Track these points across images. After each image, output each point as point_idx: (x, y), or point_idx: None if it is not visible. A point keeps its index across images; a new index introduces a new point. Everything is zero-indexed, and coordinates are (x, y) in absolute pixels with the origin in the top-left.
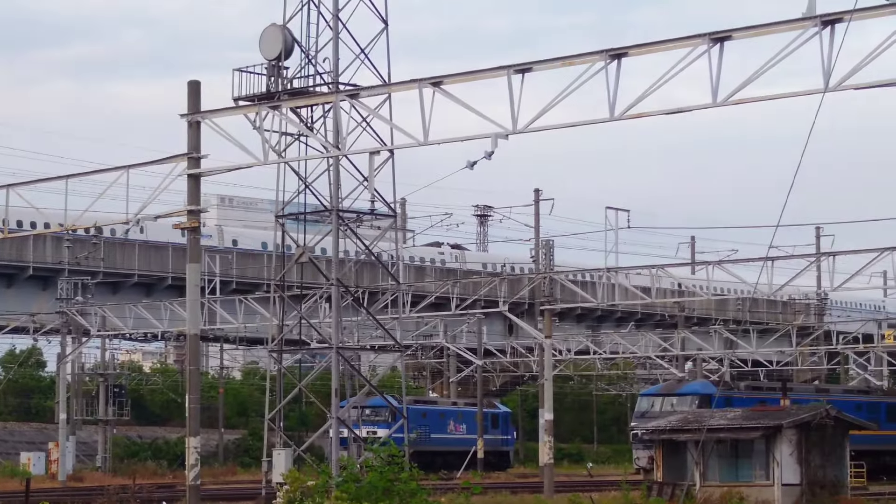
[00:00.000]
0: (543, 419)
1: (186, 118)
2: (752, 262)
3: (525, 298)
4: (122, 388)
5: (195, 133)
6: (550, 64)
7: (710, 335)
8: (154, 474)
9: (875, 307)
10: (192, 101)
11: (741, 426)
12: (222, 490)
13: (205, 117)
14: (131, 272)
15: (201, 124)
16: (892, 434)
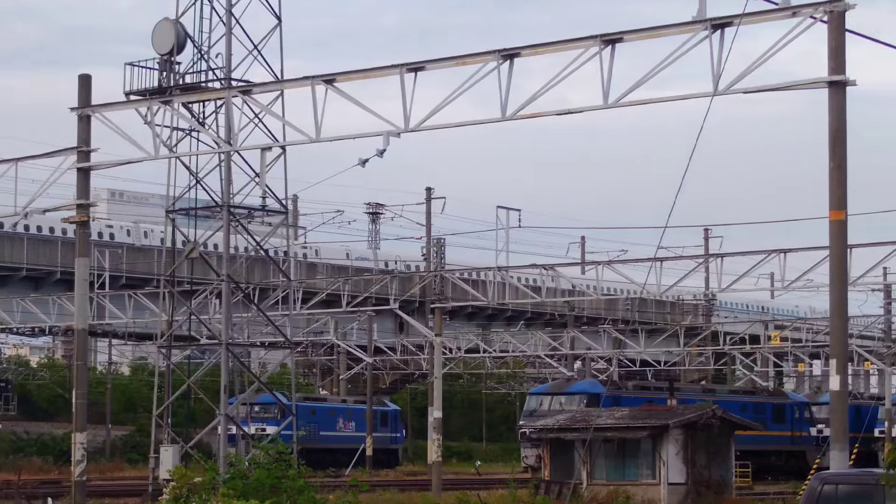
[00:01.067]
0: (432, 417)
1: (77, 112)
2: (641, 262)
3: (416, 296)
4: (8, 382)
5: (85, 127)
6: (443, 63)
7: (599, 335)
8: (40, 470)
9: (762, 309)
10: (82, 95)
11: (628, 426)
12: (109, 486)
13: (95, 111)
14: (19, 266)
15: (91, 118)
16: (778, 434)
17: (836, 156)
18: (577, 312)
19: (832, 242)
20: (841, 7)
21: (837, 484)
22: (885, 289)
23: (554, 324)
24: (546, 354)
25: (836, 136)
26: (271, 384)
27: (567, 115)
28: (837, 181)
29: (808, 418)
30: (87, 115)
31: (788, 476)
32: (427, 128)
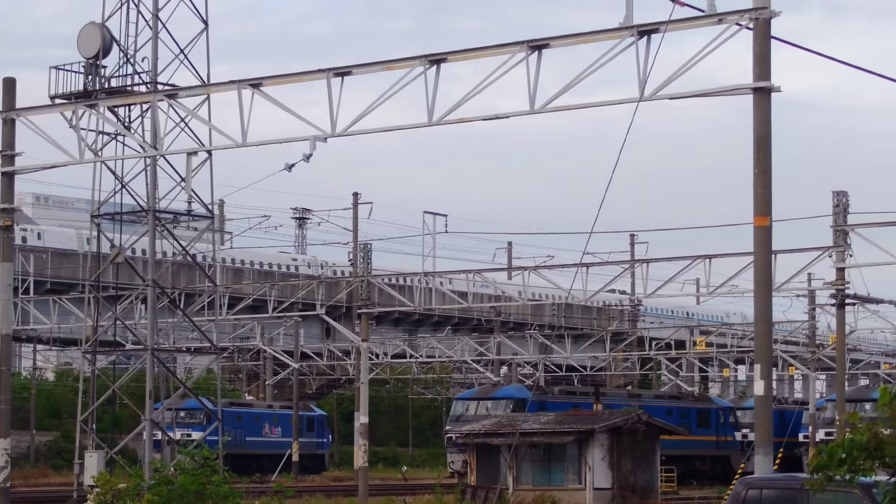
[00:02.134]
0: (359, 422)
1: (1, 115)
2: (568, 267)
3: (343, 301)
4: None
5: (9, 130)
6: (370, 68)
7: (525, 340)
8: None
9: (687, 314)
10: (6, 99)
11: (554, 430)
12: (33, 492)
13: (20, 115)
14: None
15: (16, 122)
16: (703, 439)
17: (760, 162)
18: (504, 318)
19: (757, 248)
20: (766, 14)
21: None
22: (809, 294)
23: (480, 329)
24: (473, 359)
25: (761, 143)
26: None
27: (495, 121)
28: (762, 187)
29: (732, 423)
30: (11, 118)
31: (713, 481)
32: (354, 133)
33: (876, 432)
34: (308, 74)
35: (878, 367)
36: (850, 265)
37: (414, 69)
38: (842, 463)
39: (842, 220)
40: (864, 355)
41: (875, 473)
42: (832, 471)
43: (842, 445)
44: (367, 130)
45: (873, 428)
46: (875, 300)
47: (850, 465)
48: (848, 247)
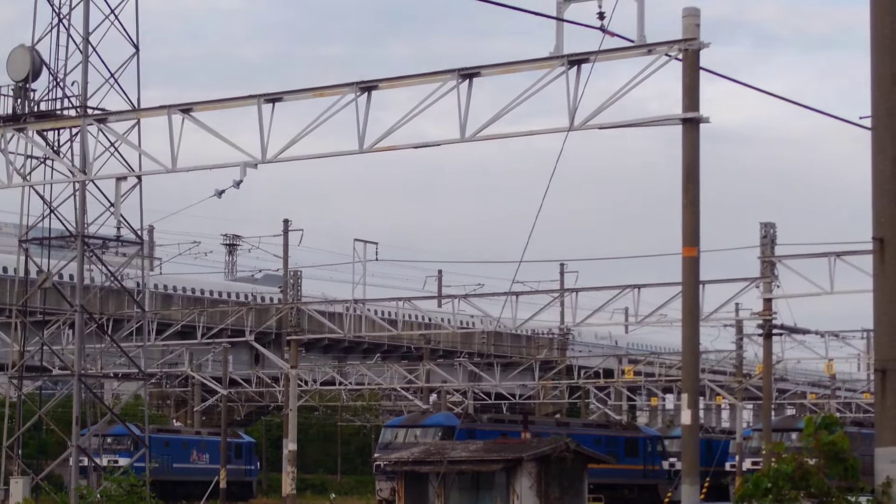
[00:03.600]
0: (287, 449)
1: None
2: (497, 296)
3: (272, 328)
4: None
5: None
6: (301, 94)
7: (454, 368)
8: None
9: (616, 343)
10: None
11: (482, 458)
12: None
13: None
14: None
15: None
16: (630, 468)
17: (689, 192)
18: (433, 345)
19: (685, 278)
20: (695, 46)
21: None
22: (736, 324)
23: (410, 357)
24: (402, 387)
25: (690, 173)
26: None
27: (428, 149)
28: (690, 217)
29: (660, 452)
30: None
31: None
32: (284, 159)
33: (801, 462)
34: (239, 100)
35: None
36: (777, 296)
37: (345, 96)
38: (767, 492)
39: (769, 252)
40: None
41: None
42: (757, 500)
43: (767, 475)
44: (297, 157)
45: (798, 458)
46: (801, 330)
47: (776, 494)
48: (775, 278)
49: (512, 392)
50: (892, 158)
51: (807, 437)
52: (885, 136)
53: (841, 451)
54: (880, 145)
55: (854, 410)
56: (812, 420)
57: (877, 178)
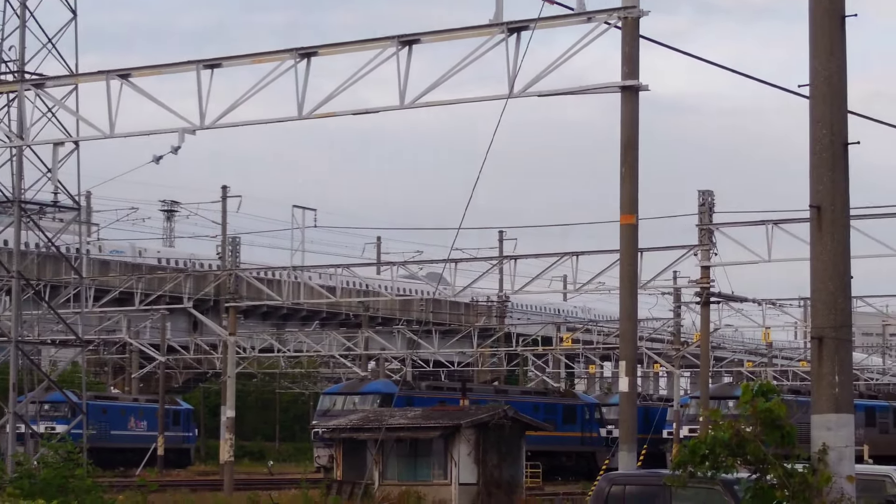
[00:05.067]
0: (225, 416)
1: None
2: (436, 263)
3: (210, 295)
4: None
5: None
6: (240, 60)
7: (393, 335)
8: None
9: (554, 310)
10: None
11: (420, 426)
12: None
13: None
14: None
15: None
16: (568, 435)
17: (627, 160)
18: (372, 313)
19: (623, 246)
20: (635, 13)
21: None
22: (674, 292)
23: (348, 324)
24: (340, 354)
25: (628, 141)
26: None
27: (368, 116)
28: (628, 185)
29: (598, 419)
30: None
31: (578, 476)
32: (223, 125)
33: (738, 429)
34: (177, 66)
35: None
36: (714, 264)
37: (284, 62)
38: (704, 459)
39: (707, 219)
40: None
41: (737, 470)
42: (694, 467)
43: (704, 442)
44: (236, 123)
45: (735, 425)
46: (739, 298)
47: (713, 461)
48: (713, 246)
49: (450, 359)
50: (829, 127)
51: (743, 404)
52: (822, 105)
53: (777, 419)
54: (817, 114)
55: (791, 378)
56: (749, 387)
57: (814, 146)
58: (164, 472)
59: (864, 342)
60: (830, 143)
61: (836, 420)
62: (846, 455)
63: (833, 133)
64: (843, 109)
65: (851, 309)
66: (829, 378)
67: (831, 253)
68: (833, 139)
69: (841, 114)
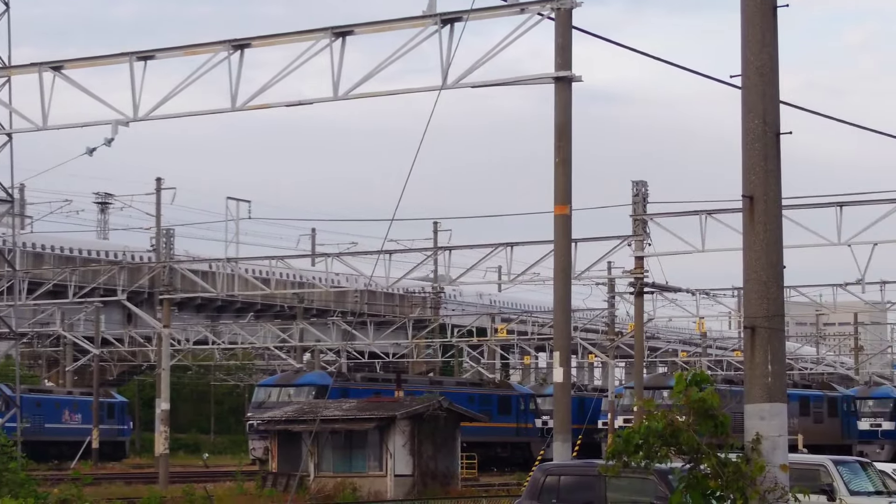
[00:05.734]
0: (160, 409)
1: None
2: (370, 254)
3: (145, 287)
4: None
5: None
6: (173, 52)
7: (328, 327)
8: None
9: (489, 301)
10: None
11: (355, 417)
12: None
13: None
14: None
15: None
16: (503, 426)
17: (561, 150)
18: (307, 304)
19: (556, 236)
20: (567, 4)
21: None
22: (608, 283)
23: (283, 316)
24: (275, 346)
25: (562, 131)
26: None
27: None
28: (562, 176)
29: (533, 410)
30: None
31: (514, 467)
32: (156, 117)
33: (671, 419)
34: (110, 58)
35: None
36: (648, 254)
37: (218, 54)
38: (638, 449)
39: (641, 210)
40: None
41: (671, 460)
42: (628, 457)
43: (638, 432)
44: (169, 115)
45: (669, 415)
46: (673, 289)
47: (646, 451)
48: (647, 236)
49: (385, 351)
50: (760, 117)
51: (677, 394)
52: (754, 95)
53: (711, 408)
54: (749, 104)
55: (725, 368)
56: (683, 377)
57: (746, 136)
58: (98, 465)
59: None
60: (763, 133)
61: (769, 409)
62: (780, 444)
63: (765, 123)
64: (775, 99)
65: (784, 298)
66: (763, 367)
67: (764, 243)
68: (765, 129)
69: (773, 104)
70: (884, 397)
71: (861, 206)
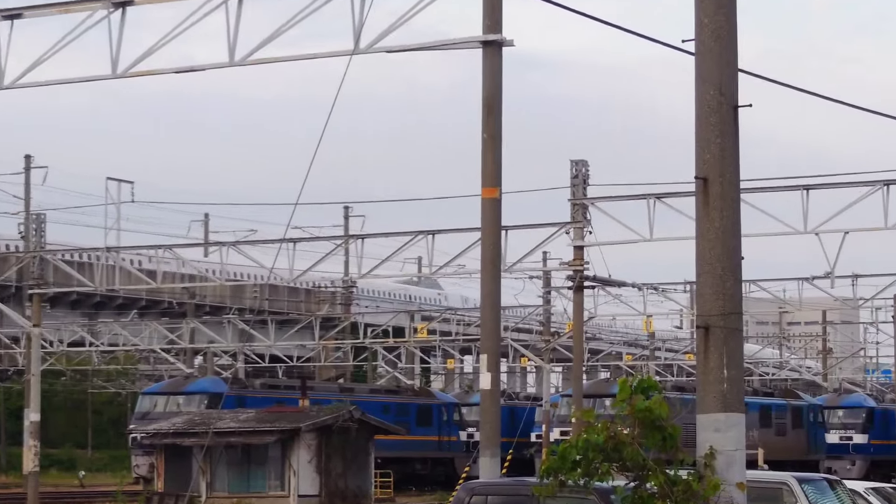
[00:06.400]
0: (29, 421)
1: None
2: (272, 243)
3: (12, 280)
4: None
5: None
6: (45, 10)
7: (223, 326)
8: None
9: (407, 297)
10: None
11: (254, 430)
12: None
13: None
14: None
15: None
16: (423, 439)
17: (489, 125)
18: (199, 300)
19: (484, 223)
20: None
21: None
22: (544, 276)
23: (172, 313)
24: (162, 348)
25: (491, 104)
26: None
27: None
28: (491, 154)
29: (457, 421)
30: None
31: (435, 486)
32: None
33: (614, 432)
34: None
35: (619, 358)
36: (589, 243)
37: (96, 13)
38: (576, 466)
39: (581, 193)
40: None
41: (613, 478)
42: (565, 475)
43: (576, 446)
44: (40, 83)
45: (611, 427)
46: (616, 283)
47: (585, 468)
48: (587, 222)
49: (289, 353)
50: (716, 87)
51: (620, 402)
52: (708, 62)
53: (659, 419)
54: (704, 72)
55: (675, 373)
56: (627, 384)
57: (700, 109)
58: None
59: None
60: (718, 105)
61: (724, 420)
62: (736, 460)
63: (721, 94)
64: (733, 67)
65: (743, 294)
66: (717, 372)
67: (719, 230)
68: (721, 101)
69: (730, 72)
70: (855, 407)
71: (830, 189)
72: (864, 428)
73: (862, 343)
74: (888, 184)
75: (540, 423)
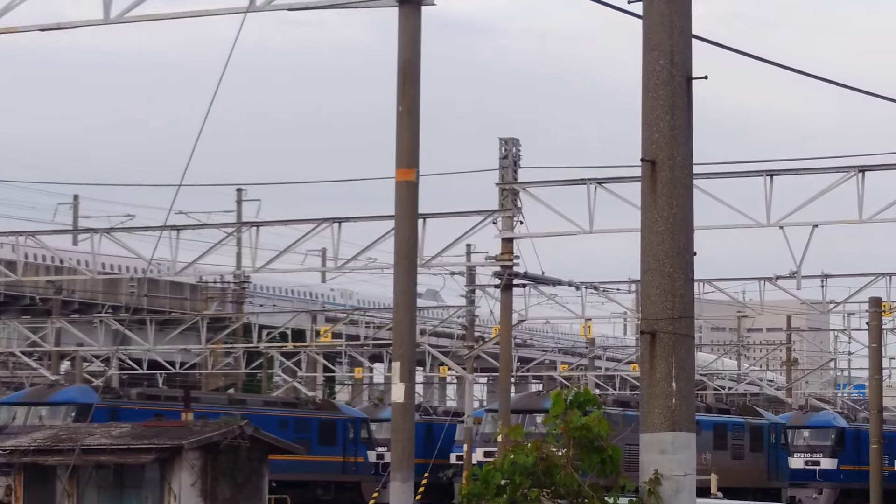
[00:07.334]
0: None
1: None
2: (152, 230)
3: None
4: None
5: None
6: None
7: (94, 326)
8: None
9: (309, 295)
10: None
11: (129, 447)
12: None
13: None
14: None
15: None
16: (326, 460)
17: (406, 97)
18: (67, 296)
19: (399, 210)
20: None
21: None
22: (467, 272)
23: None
24: (23, 351)
25: (407, 72)
26: None
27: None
28: (407, 131)
29: (365, 439)
30: None
31: None
32: None
33: (545, 453)
34: None
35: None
36: (519, 235)
37: None
38: (500, 491)
39: (510, 176)
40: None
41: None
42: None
43: (501, 469)
44: None
45: (542, 447)
46: (551, 281)
47: (512, 494)
48: (518, 211)
49: (170, 359)
50: (667, 56)
51: (553, 419)
52: (658, 28)
53: (597, 438)
54: (653, 39)
55: (618, 385)
56: (561, 397)
57: (648, 81)
58: None
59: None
60: (670, 76)
61: (672, 440)
62: (685, 486)
63: (673, 64)
64: (687, 33)
65: (695, 295)
66: (665, 385)
67: (669, 221)
68: (673, 72)
69: (684, 39)
70: (823, 426)
71: (798, 175)
72: (834, 451)
73: (832, 353)
74: (863, 170)
75: (461, 442)
